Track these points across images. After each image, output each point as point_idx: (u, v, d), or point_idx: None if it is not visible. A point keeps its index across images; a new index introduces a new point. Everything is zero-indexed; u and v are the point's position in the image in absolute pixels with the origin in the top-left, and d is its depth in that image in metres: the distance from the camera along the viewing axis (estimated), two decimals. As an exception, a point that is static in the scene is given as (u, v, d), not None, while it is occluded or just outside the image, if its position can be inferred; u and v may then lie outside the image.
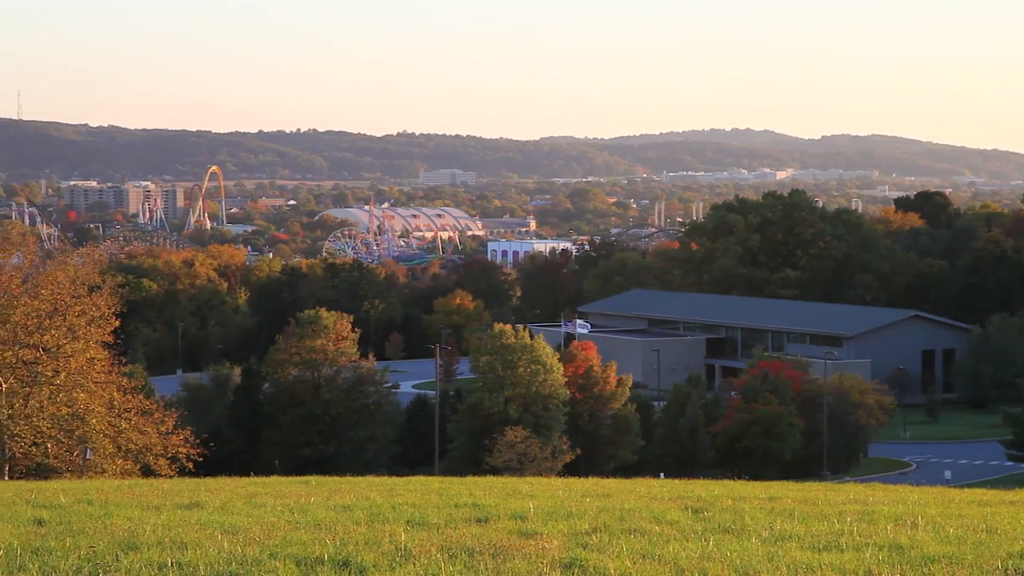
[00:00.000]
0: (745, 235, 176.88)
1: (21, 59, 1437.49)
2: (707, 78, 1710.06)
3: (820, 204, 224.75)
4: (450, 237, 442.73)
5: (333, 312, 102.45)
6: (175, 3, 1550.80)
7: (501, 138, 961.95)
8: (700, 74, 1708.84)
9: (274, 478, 38.84)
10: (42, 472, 52.95)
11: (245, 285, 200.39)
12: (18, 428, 53.71)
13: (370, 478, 42.33)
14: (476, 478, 38.72)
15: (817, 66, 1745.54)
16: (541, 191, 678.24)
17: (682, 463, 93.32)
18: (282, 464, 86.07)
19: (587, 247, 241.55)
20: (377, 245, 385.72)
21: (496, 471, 72.06)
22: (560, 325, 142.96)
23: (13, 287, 56.32)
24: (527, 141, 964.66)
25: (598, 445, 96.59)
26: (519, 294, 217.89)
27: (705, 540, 19.19)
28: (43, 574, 16.14)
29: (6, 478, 51.03)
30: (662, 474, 64.63)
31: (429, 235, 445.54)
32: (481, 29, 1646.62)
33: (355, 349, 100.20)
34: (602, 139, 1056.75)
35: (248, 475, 43.09)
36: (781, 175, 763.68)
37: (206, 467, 56.60)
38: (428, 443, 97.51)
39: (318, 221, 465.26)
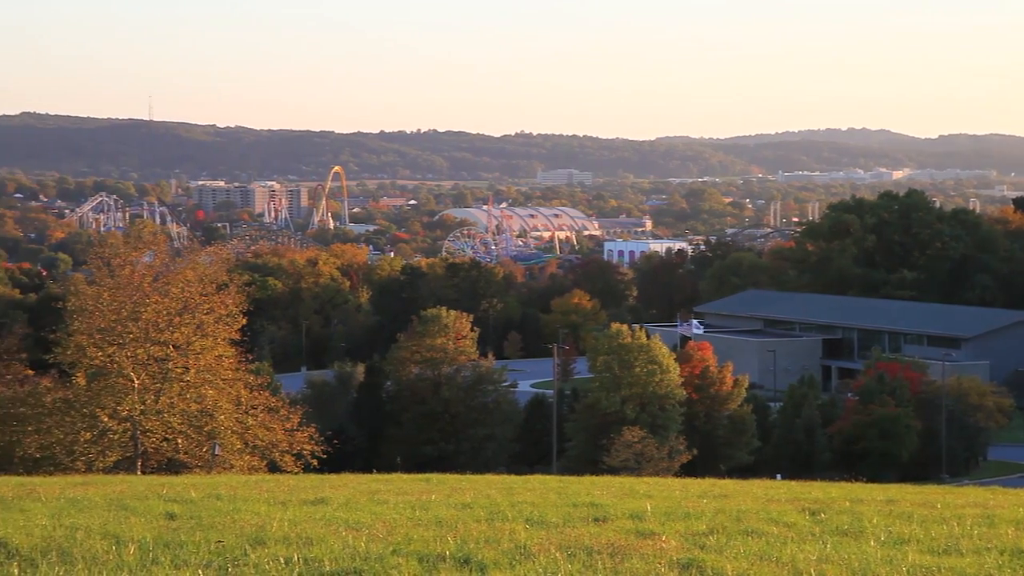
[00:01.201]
0: (861, 235, 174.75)
1: (152, 62, 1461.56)
2: (823, 77, 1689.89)
3: (937, 204, 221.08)
4: (567, 237, 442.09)
5: (453, 311, 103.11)
6: (301, 6, 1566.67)
7: (617, 138, 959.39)
8: (816, 73, 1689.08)
9: (396, 475, 39.27)
10: (173, 467, 54.01)
11: (367, 284, 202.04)
12: (150, 423, 54.88)
13: (489, 476, 42.61)
14: (593, 477, 38.81)
15: (934, 64, 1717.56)
16: (657, 191, 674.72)
17: (799, 464, 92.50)
18: (404, 461, 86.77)
19: (703, 247, 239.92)
20: (495, 245, 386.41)
21: (613, 471, 72.06)
22: (676, 325, 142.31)
23: (145, 285, 57.49)
24: (643, 141, 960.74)
25: (714, 446, 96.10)
26: (635, 294, 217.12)
27: (823, 542, 19.21)
28: (175, 567, 16.53)
29: (139, 472, 52.12)
30: (779, 475, 64.22)
31: (546, 235, 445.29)
32: (598, 30, 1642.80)
33: (474, 348, 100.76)
34: (718, 139, 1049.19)
35: (370, 472, 43.68)
36: (897, 175, 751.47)
37: (330, 464, 57.35)
38: (546, 442, 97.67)
39: (438, 221, 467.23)
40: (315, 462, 56.73)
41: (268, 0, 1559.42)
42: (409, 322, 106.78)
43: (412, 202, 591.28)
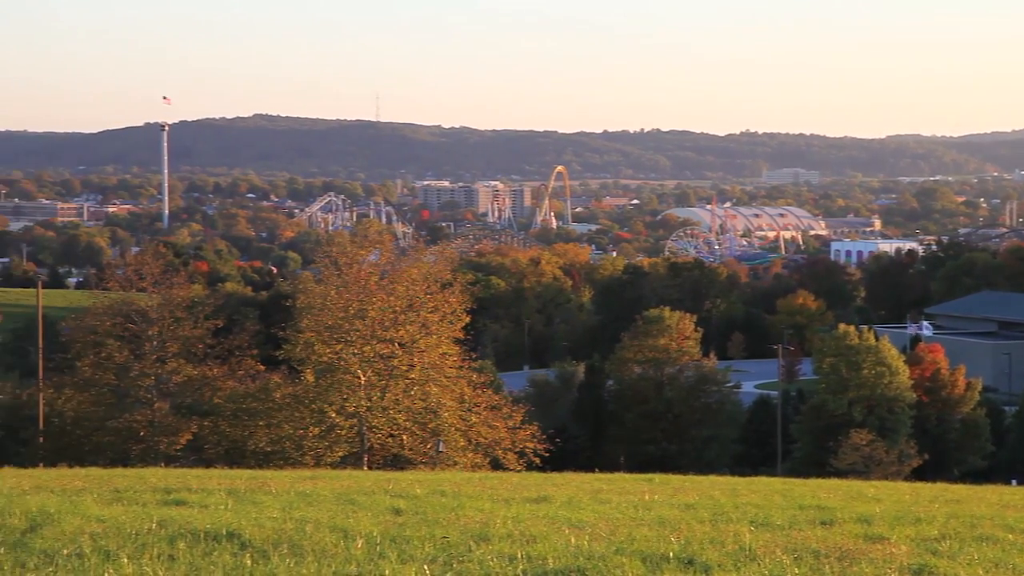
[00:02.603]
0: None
1: (380, 63, 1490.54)
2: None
3: None
4: (792, 237, 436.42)
5: (676, 311, 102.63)
6: (526, 5, 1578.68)
7: (845, 136, 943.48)
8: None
9: (618, 475, 39.21)
10: (398, 463, 54.87)
11: (589, 283, 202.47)
12: (376, 420, 55.83)
13: (713, 477, 42.29)
14: (820, 480, 38.23)
15: None
16: (886, 190, 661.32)
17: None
18: (626, 461, 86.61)
19: (934, 247, 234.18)
20: (719, 244, 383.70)
21: (840, 473, 70.80)
22: (905, 327, 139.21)
23: (371, 284, 58.52)
24: (872, 139, 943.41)
25: (946, 450, 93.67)
26: (863, 295, 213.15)
27: (1062, 552, 18.54)
28: (401, 562, 16.67)
29: (365, 468, 53.07)
30: (1014, 481, 62.26)
31: (771, 234, 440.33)
32: (824, 26, 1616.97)
33: (697, 348, 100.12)
34: (950, 137, 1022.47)
35: (593, 471, 43.64)
36: None
37: (552, 462, 57.50)
38: (770, 443, 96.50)
39: (660, 220, 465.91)
40: (537, 460, 56.95)
41: (493, 1, 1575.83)
42: (631, 322, 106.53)
43: (635, 202, 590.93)
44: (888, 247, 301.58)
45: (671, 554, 17.41)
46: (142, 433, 59.58)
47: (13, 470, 36.98)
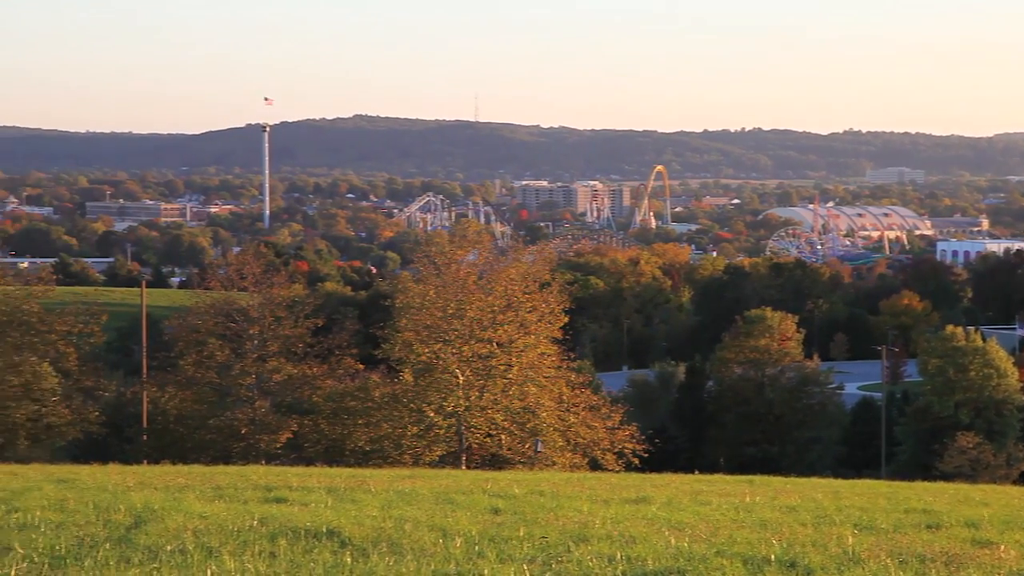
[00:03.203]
0: None
1: (479, 64, 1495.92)
2: None
3: None
4: (897, 236, 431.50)
5: (777, 312, 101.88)
6: (624, 5, 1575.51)
7: (952, 135, 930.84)
8: None
9: (718, 476, 38.95)
10: (496, 462, 54.91)
11: (688, 283, 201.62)
12: (474, 419, 55.94)
13: (814, 479, 41.89)
14: (925, 483, 37.78)
15: None
16: (994, 189, 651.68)
17: None
18: (726, 462, 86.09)
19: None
20: (821, 244, 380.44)
21: (947, 477, 69.85)
22: (1014, 328, 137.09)
23: (469, 283, 58.64)
24: (980, 137, 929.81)
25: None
26: (970, 295, 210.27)
27: None
28: (500, 561, 16.63)
29: (463, 467, 53.16)
30: None
31: (875, 234, 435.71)
32: (929, 23, 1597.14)
33: (799, 349, 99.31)
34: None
35: (692, 472, 43.45)
36: None
37: (651, 463, 57.28)
38: (874, 446, 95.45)
39: (762, 220, 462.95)
40: (636, 461, 56.74)
41: (592, 1, 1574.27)
42: (731, 322, 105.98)
43: (735, 201, 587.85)
44: (996, 247, 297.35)
45: (773, 557, 17.22)
46: (243, 431, 60.15)
47: (118, 467, 37.45)
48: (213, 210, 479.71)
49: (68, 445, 66.57)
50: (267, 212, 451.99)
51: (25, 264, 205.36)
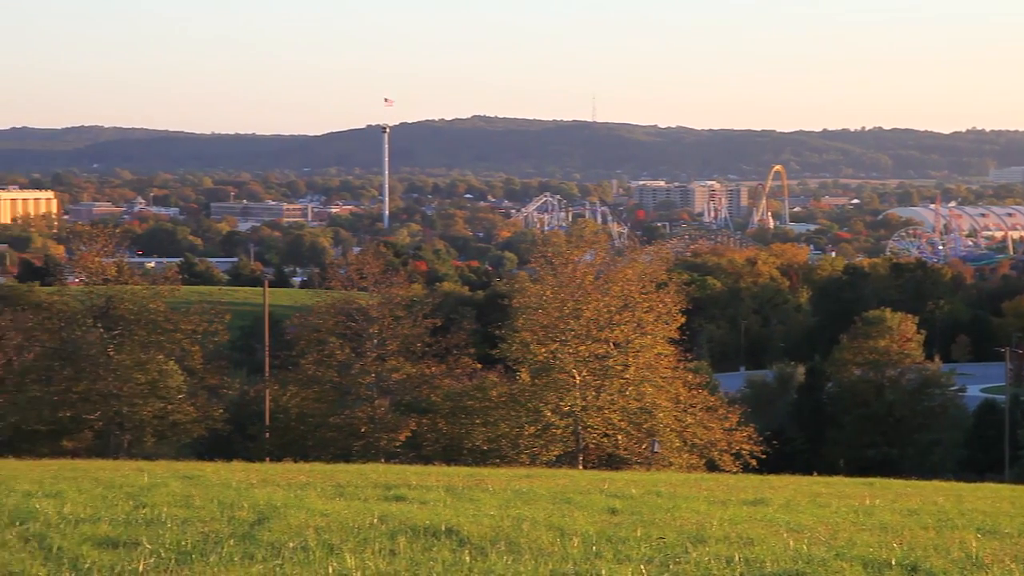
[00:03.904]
0: None
1: (596, 64, 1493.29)
2: None
3: None
4: (1021, 237, 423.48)
5: (897, 312, 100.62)
6: (740, 5, 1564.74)
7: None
8: None
9: (837, 478, 38.66)
10: (613, 462, 54.92)
11: (807, 284, 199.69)
12: (591, 419, 55.98)
13: (936, 482, 41.38)
14: (1050, 488, 37.07)
15: None
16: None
17: None
18: (846, 464, 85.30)
19: None
20: (943, 245, 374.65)
21: (1071, 482, 68.54)
22: None
23: (586, 283, 58.69)
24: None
25: None
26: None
27: None
28: (617, 561, 16.66)
29: (580, 467, 53.24)
30: None
31: (998, 235, 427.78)
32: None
33: (920, 350, 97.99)
34: None
35: (811, 474, 43.10)
36: None
37: (769, 464, 56.89)
38: (997, 449, 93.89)
39: (881, 220, 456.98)
40: (754, 462, 56.38)
41: (709, 0, 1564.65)
42: (850, 323, 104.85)
43: (855, 201, 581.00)
44: None
45: (893, 561, 17.09)
46: (363, 429, 60.73)
47: (242, 464, 38.07)
48: (334, 210, 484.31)
49: (193, 442, 67.77)
50: (386, 212, 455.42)
51: (152, 264, 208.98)
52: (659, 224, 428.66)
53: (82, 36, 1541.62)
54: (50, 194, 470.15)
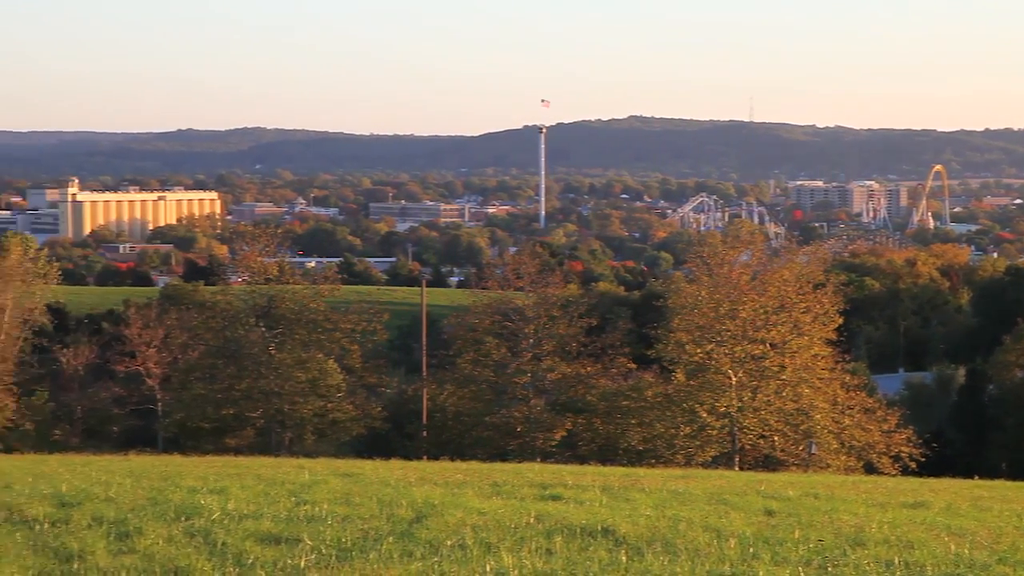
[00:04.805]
0: None
1: (754, 64, 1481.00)
2: None
3: None
4: None
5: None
6: (898, 3, 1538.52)
7: None
8: None
9: (999, 482, 38.01)
10: (769, 464, 54.52)
11: (967, 285, 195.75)
12: (747, 420, 55.64)
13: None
14: None
15: None
16: None
17: None
18: (1008, 468, 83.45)
19: None
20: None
21: None
22: None
23: (742, 284, 58.33)
24: None
25: None
26: None
27: None
28: (775, 563, 16.62)
29: (736, 468, 52.95)
30: None
31: None
32: None
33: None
34: None
35: (972, 478, 42.35)
36: None
37: (928, 467, 56.01)
38: None
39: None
40: (913, 465, 55.57)
41: (865, 0, 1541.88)
42: (1013, 325, 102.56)
43: (1017, 201, 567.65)
44: None
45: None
46: (519, 429, 61.06)
47: (400, 462, 38.58)
48: (491, 210, 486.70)
49: (352, 440, 68.72)
50: (543, 212, 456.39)
51: (312, 264, 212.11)
52: (816, 224, 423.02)
53: (245, 41, 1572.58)
54: (214, 195, 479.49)
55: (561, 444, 60.76)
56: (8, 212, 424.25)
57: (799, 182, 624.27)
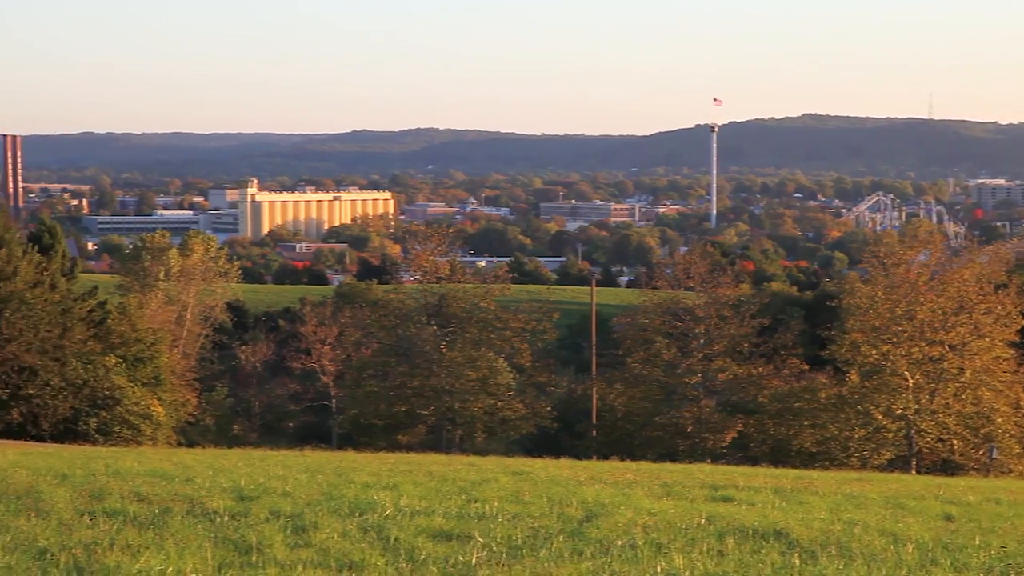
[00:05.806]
0: None
1: (933, 60, 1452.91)
2: None
3: None
4: None
5: None
6: None
7: None
8: None
9: None
10: (948, 468, 53.35)
11: None
12: (924, 423, 54.56)
13: None
14: None
15: None
16: None
17: None
18: None
19: None
20: None
21: None
22: None
23: (920, 284, 57.22)
24: None
25: None
26: None
27: None
28: (954, 570, 16.22)
29: (913, 472, 51.94)
30: None
31: None
32: None
33: None
34: None
35: None
36: None
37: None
38: None
39: None
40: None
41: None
42: None
43: None
44: None
45: None
46: (689, 429, 60.71)
47: (569, 461, 38.55)
48: (661, 210, 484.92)
49: (521, 438, 68.97)
50: (714, 212, 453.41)
51: (483, 263, 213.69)
52: (998, 224, 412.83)
53: (418, 45, 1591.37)
54: (387, 195, 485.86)
55: (732, 445, 60.26)
56: (190, 212, 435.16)
57: (980, 180, 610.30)
